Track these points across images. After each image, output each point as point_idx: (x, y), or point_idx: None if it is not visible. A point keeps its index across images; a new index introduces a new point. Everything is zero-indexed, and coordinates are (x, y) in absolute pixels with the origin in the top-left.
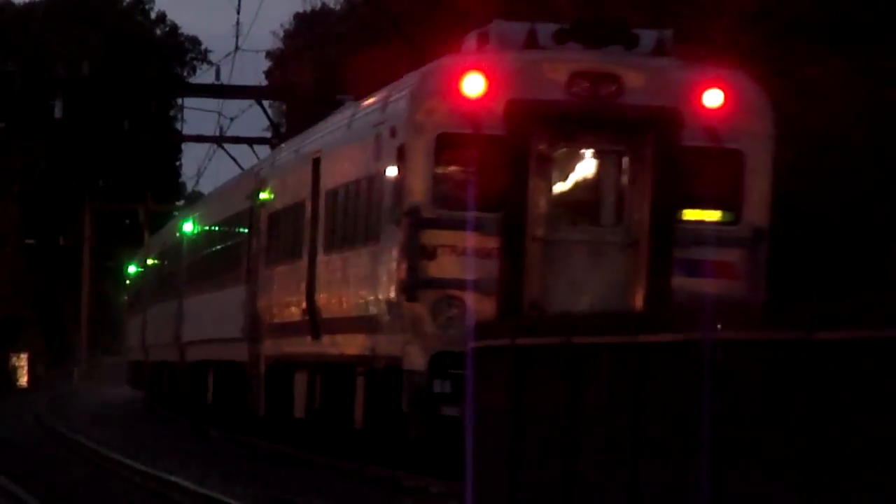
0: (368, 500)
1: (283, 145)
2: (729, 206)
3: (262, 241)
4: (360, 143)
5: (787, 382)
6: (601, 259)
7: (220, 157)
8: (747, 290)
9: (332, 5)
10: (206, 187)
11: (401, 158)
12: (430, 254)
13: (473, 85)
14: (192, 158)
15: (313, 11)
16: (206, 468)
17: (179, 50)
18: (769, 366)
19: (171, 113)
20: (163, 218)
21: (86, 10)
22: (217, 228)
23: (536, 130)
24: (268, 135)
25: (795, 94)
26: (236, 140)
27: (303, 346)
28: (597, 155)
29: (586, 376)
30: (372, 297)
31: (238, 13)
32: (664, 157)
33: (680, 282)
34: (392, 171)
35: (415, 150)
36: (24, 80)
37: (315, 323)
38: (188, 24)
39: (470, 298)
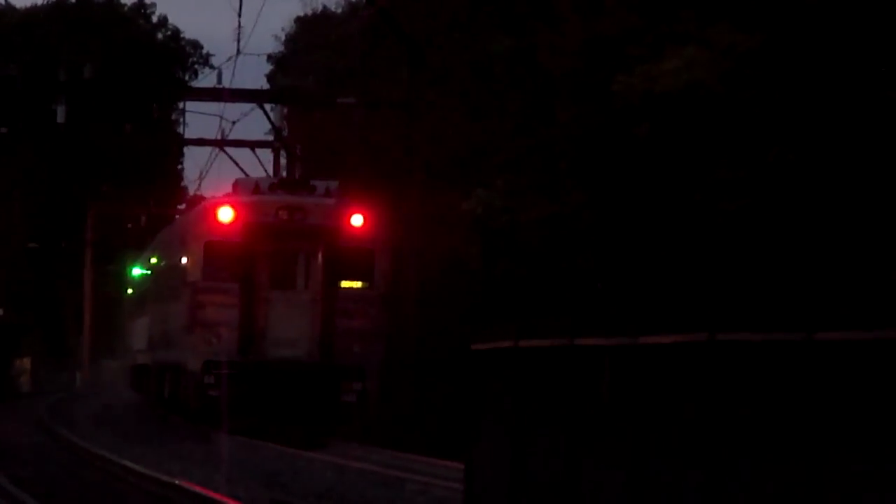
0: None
1: (166, 228)
2: (366, 279)
3: (152, 288)
4: (178, 240)
5: (787, 382)
6: (297, 309)
7: (222, 161)
8: (376, 326)
9: (333, 8)
10: (207, 190)
11: (188, 254)
12: (203, 306)
13: (225, 214)
14: (193, 162)
15: (314, 15)
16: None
17: (181, 54)
18: (769, 366)
19: (173, 116)
20: (165, 221)
21: (88, 15)
22: (143, 273)
23: (260, 239)
24: (270, 138)
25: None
26: (238, 143)
27: (165, 356)
28: (294, 252)
29: (589, 377)
30: (178, 330)
31: (239, 17)
32: (330, 253)
33: (340, 321)
34: (185, 260)
35: (194, 250)
36: (26, 84)
37: (167, 342)
38: (190, 27)
39: (224, 331)
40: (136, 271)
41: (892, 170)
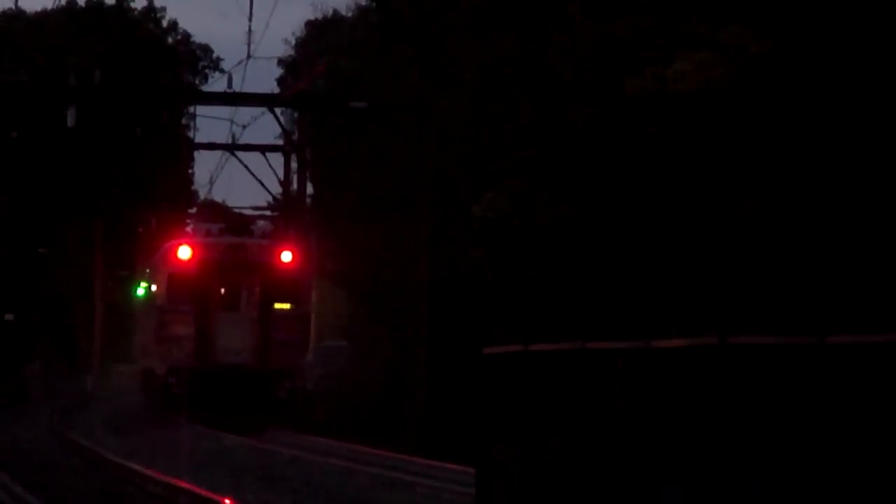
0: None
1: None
2: (293, 302)
3: (141, 305)
4: (153, 270)
5: (799, 385)
6: (240, 326)
7: (233, 165)
8: (301, 338)
9: (343, 13)
10: (218, 195)
11: (156, 282)
12: (167, 324)
13: (184, 252)
14: (204, 166)
15: (325, 19)
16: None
17: (191, 58)
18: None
19: (184, 121)
20: (175, 226)
21: (98, 19)
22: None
23: (211, 271)
24: (280, 142)
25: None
26: (248, 147)
27: (146, 362)
28: (237, 282)
29: (601, 381)
30: (151, 342)
31: (250, 21)
32: (265, 282)
33: (273, 335)
34: (154, 287)
35: (160, 280)
36: (36, 89)
37: (146, 351)
38: (200, 31)
39: (183, 343)
40: (140, 290)
41: None
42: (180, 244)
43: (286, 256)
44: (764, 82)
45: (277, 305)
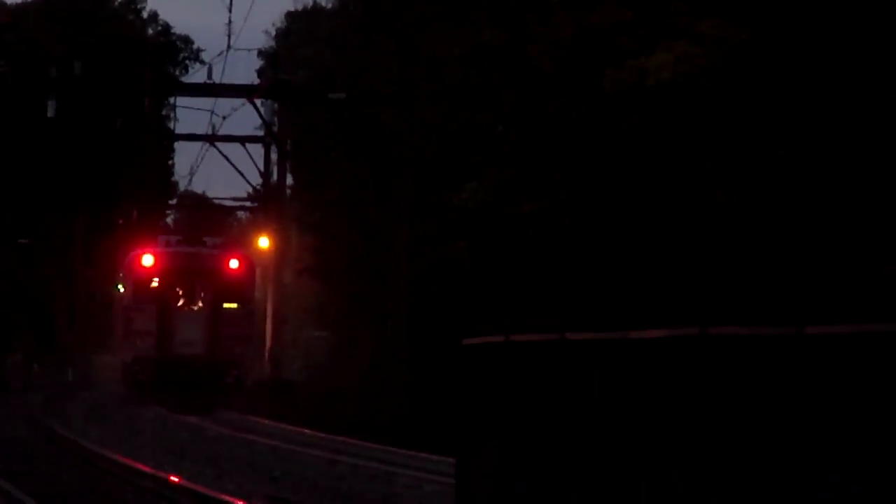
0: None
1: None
2: (240, 301)
3: (115, 305)
4: (122, 274)
5: (778, 376)
6: (195, 322)
7: (213, 156)
8: (247, 332)
9: (323, 4)
10: (198, 186)
11: (125, 285)
12: (133, 321)
13: (148, 261)
14: (184, 157)
15: (305, 10)
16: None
17: (172, 49)
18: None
19: (164, 112)
20: (156, 216)
21: (78, 10)
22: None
23: (170, 276)
24: (260, 133)
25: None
26: (229, 139)
27: (117, 352)
28: (192, 285)
29: (580, 371)
30: (120, 335)
31: (230, 12)
32: (216, 285)
33: (223, 330)
34: (122, 289)
35: (128, 283)
36: (16, 80)
37: (117, 344)
38: (180, 23)
39: (147, 337)
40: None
41: (883, 165)
42: (144, 253)
43: (234, 264)
44: (742, 73)
45: (226, 305)
